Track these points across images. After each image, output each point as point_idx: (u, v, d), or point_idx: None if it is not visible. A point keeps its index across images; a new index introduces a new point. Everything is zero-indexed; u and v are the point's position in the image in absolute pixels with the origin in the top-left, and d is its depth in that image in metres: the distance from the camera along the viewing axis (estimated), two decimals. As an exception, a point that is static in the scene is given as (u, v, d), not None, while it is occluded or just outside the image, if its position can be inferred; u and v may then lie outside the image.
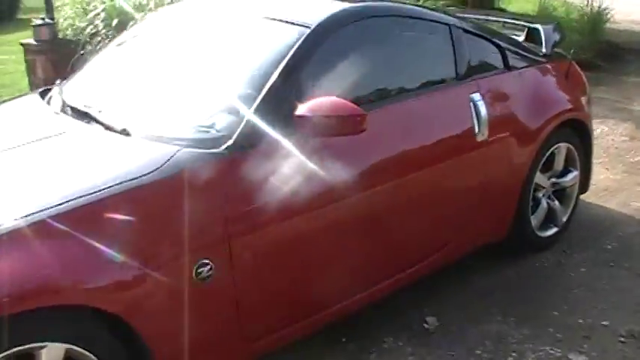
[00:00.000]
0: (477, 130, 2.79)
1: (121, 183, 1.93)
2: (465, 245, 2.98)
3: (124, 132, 2.21)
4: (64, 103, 2.54)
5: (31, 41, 6.17)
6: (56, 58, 6.00)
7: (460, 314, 2.84)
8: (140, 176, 1.96)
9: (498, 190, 3.00)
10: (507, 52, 3.07)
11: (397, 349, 2.62)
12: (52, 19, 6.22)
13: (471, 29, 2.97)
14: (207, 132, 2.17)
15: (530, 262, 3.27)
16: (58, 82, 2.93)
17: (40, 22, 6.10)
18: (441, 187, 2.74)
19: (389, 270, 2.64)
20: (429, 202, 2.70)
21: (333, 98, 2.20)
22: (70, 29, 6.46)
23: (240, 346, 2.21)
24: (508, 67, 3.07)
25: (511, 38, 3.31)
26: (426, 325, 2.76)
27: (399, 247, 2.64)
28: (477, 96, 2.82)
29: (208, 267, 2.00)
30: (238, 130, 2.13)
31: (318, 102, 2.18)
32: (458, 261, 2.99)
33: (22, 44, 6.32)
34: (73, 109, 2.46)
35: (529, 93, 3.10)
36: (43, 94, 2.79)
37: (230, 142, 2.11)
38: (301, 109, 2.17)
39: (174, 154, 2.04)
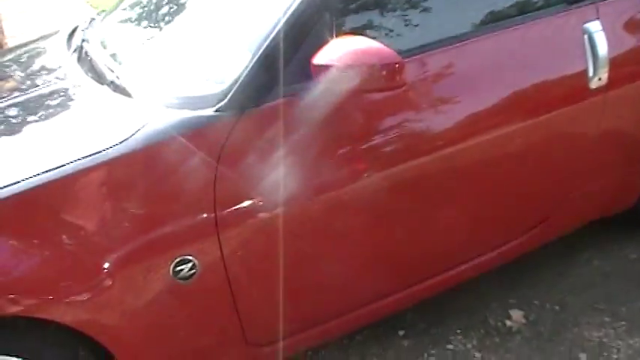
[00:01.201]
0: (590, 72, 2.06)
1: (80, 159, 1.51)
2: (571, 219, 2.31)
3: (125, 92, 1.76)
4: (80, 51, 2.14)
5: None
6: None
7: (554, 311, 2.22)
8: (104, 149, 1.53)
9: (622, 149, 2.27)
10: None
11: (463, 353, 2.08)
12: None
13: None
14: (198, 89, 1.68)
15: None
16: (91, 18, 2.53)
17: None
18: (536, 148, 2.06)
19: (461, 255, 2.08)
20: (518, 166, 2.05)
21: (361, 40, 1.62)
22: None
23: (247, 352, 1.79)
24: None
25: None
26: (508, 323, 2.19)
27: (471, 227, 2.04)
28: (594, 25, 2.07)
29: (190, 264, 1.57)
30: (236, 86, 1.62)
31: (340, 45, 1.60)
32: (560, 240, 2.34)
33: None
34: (84, 59, 2.05)
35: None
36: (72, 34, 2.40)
37: (224, 100, 1.61)
38: (320, 57, 1.61)
39: (148, 121, 1.58)
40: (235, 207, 1.60)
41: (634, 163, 2.30)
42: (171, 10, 2.13)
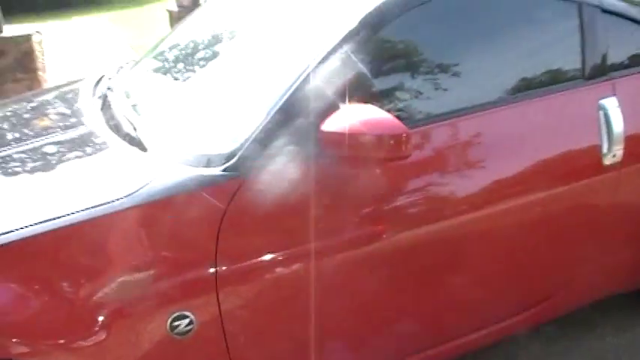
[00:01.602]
0: (605, 149, 2.05)
1: (84, 210, 1.55)
2: (582, 296, 2.27)
3: (140, 145, 1.81)
4: (104, 99, 2.21)
5: (174, 7, 6.11)
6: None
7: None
8: (109, 202, 1.57)
9: (638, 225, 2.24)
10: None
11: None
12: (194, -16, 6.11)
13: (613, 7, 2.18)
14: (208, 147, 1.72)
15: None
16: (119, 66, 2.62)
17: (181, -12, 6.02)
18: (551, 219, 2.05)
19: (460, 329, 2.05)
20: (533, 237, 2.04)
21: (370, 109, 1.65)
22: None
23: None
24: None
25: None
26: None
27: (482, 295, 2.02)
28: (610, 102, 2.07)
29: (187, 320, 1.58)
30: (245, 146, 1.66)
31: (348, 113, 1.64)
32: (570, 316, 2.30)
33: (167, 10, 6.30)
34: (107, 108, 2.13)
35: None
36: (99, 81, 2.49)
37: (233, 160, 1.65)
38: (329, 123, 1.64)
39: (157, 176, 1.62)
40: (236, 265, 1.62)
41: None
42: (194, 65, 2.20)
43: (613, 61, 2.13)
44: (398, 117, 1.67)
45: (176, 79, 2.20)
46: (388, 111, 1.72)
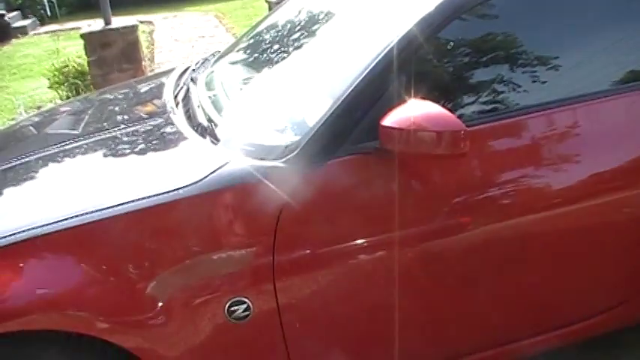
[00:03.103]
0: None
1: (151, 197, 1.64)
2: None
3: (214, 137, 1.88)
4: (186, 91, 2.30)
5: (272, -1, 6.24)
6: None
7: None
8: (174, 190, 1.64)
9: None
10: None
11: None
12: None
13: None
14: (270, 140, 1.76)
15: None
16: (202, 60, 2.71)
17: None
18: (614, 226, 1.93)
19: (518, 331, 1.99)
20: (607, 242, 1.94)
21: (429, 106, 1.62)
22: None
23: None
24: None
25: None
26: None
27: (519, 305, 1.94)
28: None
29: (244, 305, 1.64)
30: (306, 140, 1.69)
31: (408, 109, 1.62)
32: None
33: (266, 1, 6.43)
34: (187, 99, 2.22)
35: None
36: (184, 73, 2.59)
37: (294, 152, 1.68)
38: (389, 119, 1.64)
39: (221, 166, 1.68)
40: (294, 256, 1.65)
41: None
42: (268, 60, 2.25)
43: None
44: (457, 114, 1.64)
45: (251, 72, 2.26)
46: (453, 107, 1.70)
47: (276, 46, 2.28)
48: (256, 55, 2.36)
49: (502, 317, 1.93)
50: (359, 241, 1.70)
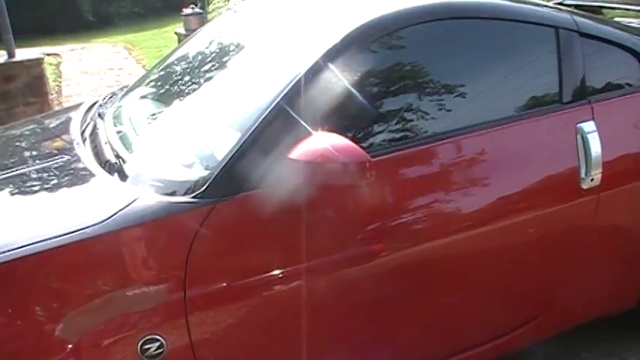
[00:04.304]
0: (582, 173, 2.06)
1: (51, 238, 1.60)
2: (566, 318, 2.26)
3: (122, 174, 1.86)
4: (94, 127, 2.27)
5: (182, 30, 6.22)
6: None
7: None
8: (82, 229, 1.61)
9: (617, 249, 2.24)
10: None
11: None
12: (203, 8, 6.22)
13: (591, 31, 2.19)
14: (179, 175, 1.76)
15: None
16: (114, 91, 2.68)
17: (189, 11, 6.12)
18: (531, 243, 2.07)
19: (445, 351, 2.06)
20: (513, 260, 2.05)
21: (335, 138, 1.68)
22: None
23: None
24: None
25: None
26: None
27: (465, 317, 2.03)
28: (588, 126, 2.08)
29: (158, 343, 1.62)
30: (215, 174, 1.70)
31: (314, 142, 1.67)
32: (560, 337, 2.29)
33: (175, 33, 6.42)
34: (94, 135, 2.18)
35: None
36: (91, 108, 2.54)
37: (203, 187, 1.69)
38: (295, 151, 1.68)
39: (130, 203, 1.67)
40: (206, 290, 1.65)
41: (630, 263, 2.26)
42: (175, 93, 2.26)
43: (591, 84, 2.14)
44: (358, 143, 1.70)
45: (159, 106, 2.26)
46: (363, 137, 1.77)
47: (185, 79, 2.29)
48: (165, 88, 2.35)
49: (416, 341, 2.00)
50: (272, 273, 1.72)
